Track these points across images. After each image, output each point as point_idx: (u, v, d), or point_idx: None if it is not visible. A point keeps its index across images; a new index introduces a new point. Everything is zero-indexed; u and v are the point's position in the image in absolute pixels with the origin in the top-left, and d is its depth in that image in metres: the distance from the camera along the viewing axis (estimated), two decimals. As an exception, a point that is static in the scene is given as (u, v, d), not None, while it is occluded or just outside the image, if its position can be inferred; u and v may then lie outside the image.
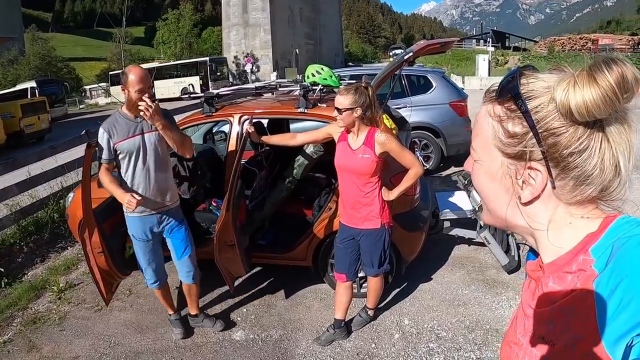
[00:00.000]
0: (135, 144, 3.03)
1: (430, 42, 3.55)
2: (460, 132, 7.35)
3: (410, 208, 3.67)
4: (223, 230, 2.99)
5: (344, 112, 2.81)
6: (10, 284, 4.74)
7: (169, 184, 3.25)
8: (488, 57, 32.71)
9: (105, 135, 2.99)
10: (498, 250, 4.18)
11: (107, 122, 3.03)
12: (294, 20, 45.96)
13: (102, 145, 2.99)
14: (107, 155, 3.01)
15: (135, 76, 2.90)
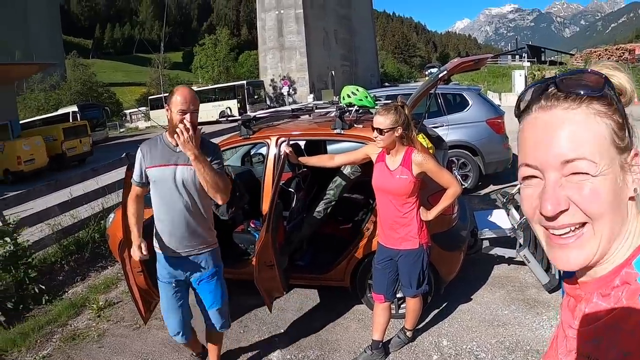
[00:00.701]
0: (165, 174, 2.69)
1: (463, 60, 3.54)
2: (498, 150, 7.25)
3: (448, 227, 3.63)
4: (263, 251, 3.03)
5: (385, 132, 2.81)
6: (51, 301, 4.84)
7: (200, 227, 2.82)
8: (524, 72, 32.16)
9: (139, 155, 2.77)
10: (538, 269, 4.05)
11: (146, 143, 2.81)
12: (329, 42, 46.55)
13: (135, 164, 2.79)
14: (137, 177, 2.79)
15: (181, 96, 2.60)
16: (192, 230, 2.79)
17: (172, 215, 2.74)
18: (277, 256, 3.06)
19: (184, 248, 2.81)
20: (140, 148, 2.79)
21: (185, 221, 2.75)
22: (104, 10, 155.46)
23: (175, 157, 2.72)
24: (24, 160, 16.52)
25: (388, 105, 2.90)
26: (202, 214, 2.82)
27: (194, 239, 2.81)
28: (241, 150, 6.05)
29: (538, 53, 63.18)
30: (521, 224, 4.29)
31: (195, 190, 2.74)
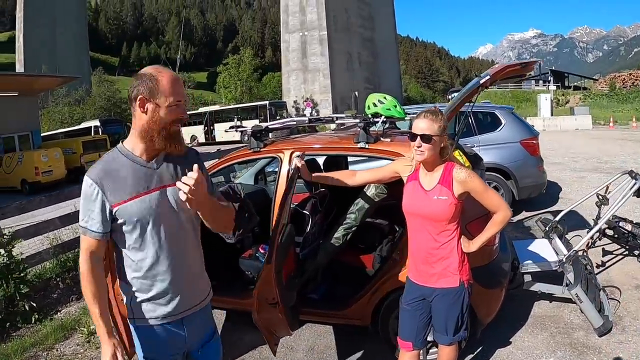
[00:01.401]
0: (150, 205, 1.84)
1: (508, 65, 3.02)
2: (532, 173, 6.80)
3: (489, 260, 3.10)
4: (264, 285, 2.52)
5: (434, 139, 2.31)
6: (41, 321, 4.59)
7: (202, 265, 2.09)
8: (550, 96, 31.56)
9: (95, 190, 1.79)
10: (592, 311, 3.59)
11: (99, 168, 1.82)
12: (353, 65, 46.79)
13: (89, 208, 1.81)
14: (97, 226, 1.81)
15: (170, 81, 1.79)
16: (197, 274, 2.03)
17: (169, 261, 1.89)
18: (282, 292, 2.54)
19: (188, 304, 1.98)
20: (90, 179, 1.80)
21: (188, 264, 1.97)
22: (131, 29, 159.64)
23: (156, 176, 1.88)
24: (41, 172, 16.81)
25: (432, 109, 2.41)
26: (199, 245, 2.06)
27: (199, 285, 2.05)
28: (255, 167, 5.62)
29: (561, 78, 63.10)
30: (569, 256, 3.76)
31: (189, 214, 1.95)
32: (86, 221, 1.83)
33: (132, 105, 1.83)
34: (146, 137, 1.82)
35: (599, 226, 4.25)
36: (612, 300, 4.01)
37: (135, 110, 1.81)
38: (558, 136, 21.07)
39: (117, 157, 1.86)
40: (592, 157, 13.06)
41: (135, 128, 1.84)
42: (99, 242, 1.84)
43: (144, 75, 1.80)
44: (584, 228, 5.66)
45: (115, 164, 1.84)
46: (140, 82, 1.78)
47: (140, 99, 1.78)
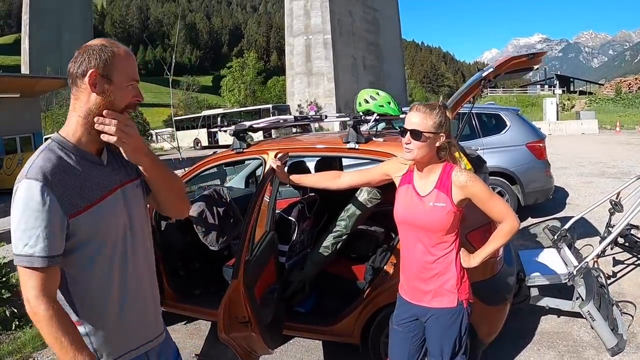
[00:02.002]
0: (106, 213, 1.48)
1: (514, 56, 2.73)
2: (539, 178, 6.56)
3: (492, 274, 2.80)
4: (232, 302, 2.21)
5: (426, 136, 2.01)
6: (21, 327, 4.44)
7: (157, 285, 1.74)
8: (556, 100, 31.39)
9: (47, 196, 1.34)
10: (605, 329, 3.30)
11: (38, 167, 1.36)
12: (357, 69, 46.73)
13: (35, 225, 1.33)
14: (52, 249, 1.35)
15: (126, 54, 1.49)
16: (157, 297, 1.71)
17: (130, 283, 1.56)
18: (256, 310, 2.23)
19: (154, 333, 1.67)
20: (36, 181, 1.33)
21: (151, 285, 1.66)
22: (137, 32, 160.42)
23: (106, 175, 1.52)
24: (41, 174, 16.56)
25: (429, 102, 2.10)
26: (153, 263, 1.71)
27: (158, 309, 1.72)
28: (245, 170, 5.36)
29: (567, 83, 63.00)
30: (580, 268, 3.47)
31: (146, 219, 1.66)
32: (32, 245, 1.32)
33: (75, 83, 1.45)
34: (94, 123, 1.44)
35: (613, 235, 3.95)
36: (625, 315, 3.73)
37: (80, 91, 1.44)
38: (564, 141, 20.83)
39: (59, 152, 1.43)
40: (599, 162, 12.81)
41: (78, 114, 1.45)
42: (53, 272, 1.37)
43: (94, 47, 1.45)
44: (593, 236, 5.39)
45: (60, 161, 1.41)
46: (90, 54, 1.43)
47: (92, 73, 1.41)
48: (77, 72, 1.44)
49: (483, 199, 2.04)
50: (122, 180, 1.55)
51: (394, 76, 55.66)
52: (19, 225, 1.33)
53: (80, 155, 1.46)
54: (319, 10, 43.56)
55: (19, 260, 1.34)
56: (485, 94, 54.39)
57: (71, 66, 1.46)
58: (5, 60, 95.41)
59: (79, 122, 1.46)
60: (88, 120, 1.45)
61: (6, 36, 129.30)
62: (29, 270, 1.34)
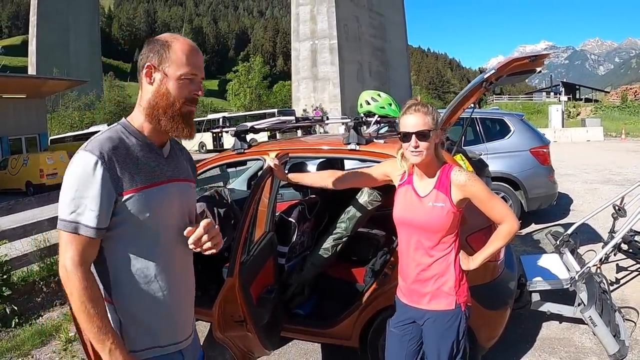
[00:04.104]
0: (164, 199, 1.49)
1: (515, 58, 2.69)
2: (542, 183, 6.53)
3: (492, 278, 2.78)
4: (227, 301, 2.20)
5: (431, 135, 1.98)
6: (21, 325, 4.46)
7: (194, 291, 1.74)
8: (561, 107, 31.28)
9: (99, 168, 1.35)
10: (607, 335, 3.27)
11: (100, 142, 1.40)
12: (363, 75, 46.71)
13: (84, 194, 1.35)
14: (96, 220, 1.36)
15: (188, 48, 1.49)
16: (192, 297, 1.71)
17: (175, 274, 1.54)
18: (251, 310, 2.22)
19: (189, 331, 1.65)
20: (92, 154, 1.36)
21: (191, 279, 1.68)
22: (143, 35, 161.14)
23: (167, 166, 1.55)
24: (46, 174, 16.93)
25: (417, 101, 2.07)
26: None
27: (192, 309, 1.71)
28: (248, 172, 5.35)
29: (573, 90, 62.87)
30: (582, 274, 3.44)
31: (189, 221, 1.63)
32: (78, 213, 1.35)
33: (139, 75, 1.53)
34: (152, 114, 1.49)
35: (615, 240, 3.92)
36: (627, 321, 3.70)
37: (142, 82, 1.52)
38: (569, 147, 20.74)
39: (124, 133, 1.48)
40: (604, 169, 12.74)
41: (140, 103, 1.53)
42: (93, 243, 1.38)
43: (156, 41, 1.51)
44: (596, 242, 5.34)
45: (120, 141, 1.45)
46: (151, 47, 1.50)
47: (148, 66, 1.48)
48: (139, 65, 1.52)
49: (482, 199, 2.02)
50: (179, 176, 1.58)
51: (399, 82, 55.59)
52: (68, 193, 1.36)
53: (142, 141, 1.50)
54: (325, 16, 43.62)
55: (63, 225, 1.36)
56: (491, 100, 54.35)
57: (138, 59, 1.56)
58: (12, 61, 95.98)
59: (141, 110, 1.52)
60: (146, 109, 1.50)
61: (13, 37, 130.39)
62: (71, 236, 1.36)
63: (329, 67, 43.00)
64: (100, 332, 1.36)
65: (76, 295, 1.35)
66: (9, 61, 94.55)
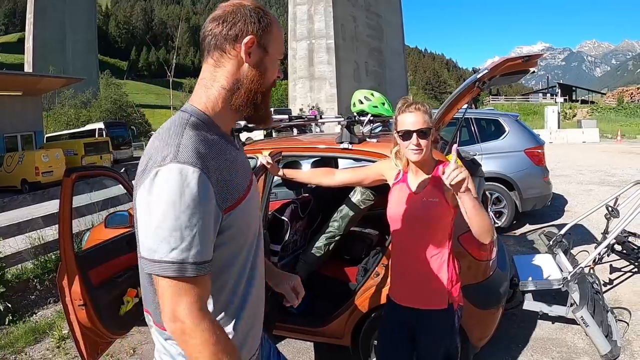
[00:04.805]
0: (253, 206, 1.29)
1: (509, 57, 2.69)
2: (537, 184, 6.53)
3: (483, 278, 2.77)
4: None
5: (431, 131, 1.98)
6: (15, 322, 4.46)
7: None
8: (557, 108, 31.38)
9: (208, 187, 1.08)
10: (598, 335, 3.27)
11: (194, 147, 1.09)
12: (360, 75, 46.67)
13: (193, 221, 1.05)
14: (206, 252, 1.09)
15: (278, 24, 1.26)
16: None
17: (259, 283, 1.36)
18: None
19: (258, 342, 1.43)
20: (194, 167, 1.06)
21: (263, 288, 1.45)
22: (140, 33, 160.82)
23: (244, 160, 1.32)
24: (41, 172, 16.90)
25: (409, 100, 2.05)
26: None
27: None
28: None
29: (569, 92, 62.99)
30: (575, 274, 3.45)
31: None
32: (184, 249, 1.04)
33: (219, 47, 1.19)
34: (247, 97, 1.22)
35: (608, 241, 3.93)
36: (620, 322, 3.71)
37: (226, 57, 1.19)
38: (565, 149, 20.79)
39: (203, 129, 1.16)
40: (599, 170, 12.78)
41: (221, 84, 1.20)
42: (207, 281, 1.12)
43: (249, 8, 1.19)
44: (590, 243, 5.36)
45: (208, 139, 1.15)
46: (247, 16, 1.18)
47: (250, 40, 1.17)
48: (228, 35, 1.18)
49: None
50: (249, 170, 1.32)
51: (396, 82, 55.57)
52: (163, 223, 1.03)
53: (219, 134, 1.21)
54: (322, 15, 43.57)
55: (163, 268, 1.05)
56: (488, 101, 54.41)
57: (213, 26, 1.20)
58: (8, 58, 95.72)
59: (221, 94, 1.21)
60: (234, 93, 1.21)
61: (10, 35, 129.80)
62: (180, 283, 1.06)
63: (325, 66, 42.96)
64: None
65: (207, 353, 1.07)
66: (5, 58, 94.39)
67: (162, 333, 1.25)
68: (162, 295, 1.08)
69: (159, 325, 1.25)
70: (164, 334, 1.25)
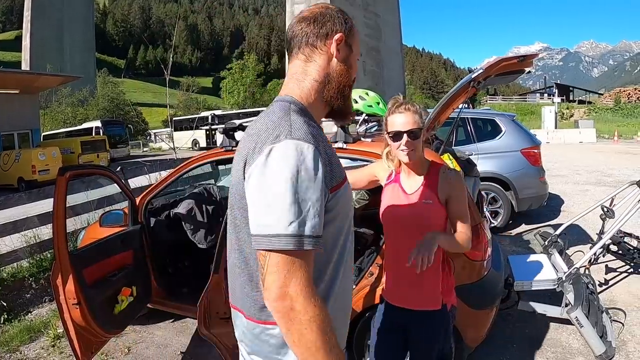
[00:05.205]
0: (350, 195, 1.37)
1: (504, 57, 2.69)
2: (533, 184, 6.51)
3: (478, 278, 2.77)
4: (212, 297, 2.19)
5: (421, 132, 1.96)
6: (10, 321, 4.43)
7: None
8: (554, 108, 31.41)
9: (319, 161, 1.13)
10: (593, 336, 3.26)
11: (305, 128, 1.16)
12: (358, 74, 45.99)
13: (306, 196, 1.09)
14: (319, 227, 1.11)
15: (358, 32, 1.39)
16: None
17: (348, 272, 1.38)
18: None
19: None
20: (309, 144, 1.13)
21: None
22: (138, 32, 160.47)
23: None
24: (38, 170, 16.82)
25: (400, 100, 2.03)
26: None
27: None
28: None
29: (566, 92, 63.06)
30: (570, 274, 3.45)
31: None
32: (301, 223, 1.07)
33: (310, 43, 1.29)
34: (338, 91, 1.31)
35: (603, 241, 3.94)
36: (615, 322, 3.70)
37: (317, 53, 1.29)
38: (562, 149, 20.82)
39: (306, 116, 1.23)
40: (595, 170, 12.80)
41: (313, 77, 1.29)
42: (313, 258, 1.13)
43: (335, 11, 1.32)
44: (586, 243, 5.36)
45: (313, 127, 1.21)
46: (335, 17, 1.31)
47: (340, 37, 1.29)
48: (320, 32, 1.29)
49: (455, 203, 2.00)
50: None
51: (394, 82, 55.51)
52: (281, 197, 1.06)
53: (317, 125, 1.28)
54: (320, 14, 43.66)
55: (281, 242, 1.06)
56: (485, 100, 54.45)
57: (304, 25, 1.30)
58: (5, 56, 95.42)
59: (314, 86, 1.29)
60: (324, 86, 1.30)
61: (7, 32, 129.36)
62: (294, 257, 1.08)
63: (322, 66, 43.07)
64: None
65: (316, 329, 1.07)
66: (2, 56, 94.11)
67: (256, 326, 1.26)
68: (271, 272, 1.08)
69: (252, 319, 1.26)
70: (258, 327, 1.25)
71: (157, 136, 41.31)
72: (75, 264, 2.63)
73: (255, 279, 1.22)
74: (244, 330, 1.31)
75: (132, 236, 3.33)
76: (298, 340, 1.08)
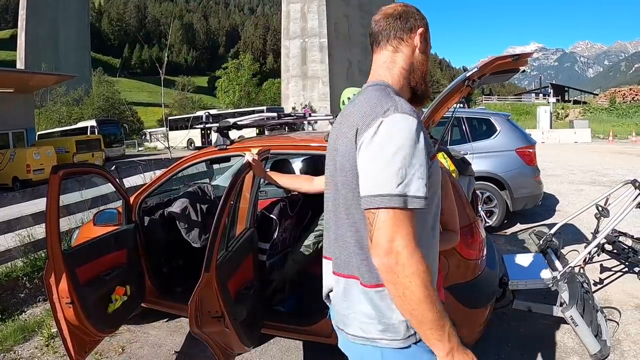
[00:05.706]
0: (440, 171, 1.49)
1: (499, 56, 2.69)
2: (528, 184, 6.52)
3: (472, 277, 2.77)
4: (203, 296, 2.17)
5: None
6: (4, 320, 4.39)
7: None
8: (549, 108, 31.53)
9: (422, 132, 1.28)
10: (588, 335, 3.24)
11: (406, 103, 1.33)
12: (353, 73, 46.61)
13: (412, 161, 1.23)
14: (425, 188, 1.24)
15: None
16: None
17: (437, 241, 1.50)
18: (228, 305, 2.20)
19: None
20: (411, 116, 1.28)
21: None
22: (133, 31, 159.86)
23: None
24: (33, 169, 16.74)
25: None
26: None
27: None
28: (233, 168, 5.32)
29: (562, 92, 63.23)
30: (564, 273, 3.45)
31: None
32: (407, 184, 1.21)
33: (398, 36, 1.48)
34: (420, 78, 1.50)
35: (597, 240, 3.94)
36: (610, 321, 3.70)
37: (404, 44, 1.48)
38: (557, 149, 20.89)
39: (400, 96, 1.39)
40: (590, 170, 12.84)
41: (401, 65, 1.47)
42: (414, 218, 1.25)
43: (415, 9, 1.53)
44: (581, 242, 5.36)
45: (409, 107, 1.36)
46: (416, 15, 1.51)
47: (423, 32, 1.49)
48: (405, 27, 1.48)
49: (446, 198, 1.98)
50: None
51: (389, 81, 55.90)
52: (392, 162, 1.21)
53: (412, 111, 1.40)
54: (315, 14, 43.53)
55: (390, 200, 1.20)
56: (480, 100, 54.55)
57: (390, 21, 1.49)
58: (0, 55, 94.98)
59: (402, 73, 1.48)
60: (410, 74, 1.49)
61: (2, 31, 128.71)
62: (401, 214, 1.21)
63: (318, 65, 42.89)
64: (440, 317, 1.23)
65: (419, 282, 1.18)
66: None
67: (369, 291, 1.36)
68: (379, 228, 1.21)
69: (367, 285, 1.35)
70: (371, 291, 1.35)
71: (152, 135, 41.22)
72: (68, 263, 2.61)
73: (366, 245, 1.32)
74: (360, 296, 1.38)
75: (126, 235, 3.31)
76: (403, 294, 1.20)
